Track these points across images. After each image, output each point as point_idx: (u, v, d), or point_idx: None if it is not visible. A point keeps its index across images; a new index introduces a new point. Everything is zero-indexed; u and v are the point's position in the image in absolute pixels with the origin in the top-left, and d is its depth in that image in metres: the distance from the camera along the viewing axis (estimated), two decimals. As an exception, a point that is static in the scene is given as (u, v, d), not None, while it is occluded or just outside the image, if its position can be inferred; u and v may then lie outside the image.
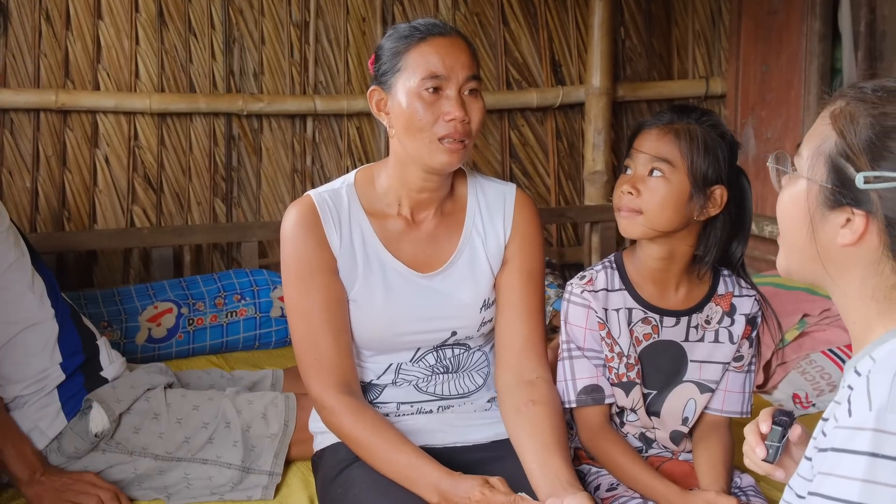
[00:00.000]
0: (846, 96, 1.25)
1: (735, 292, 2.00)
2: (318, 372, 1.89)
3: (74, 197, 3.49)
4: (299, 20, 3.71)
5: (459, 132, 1.84)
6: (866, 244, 1.21)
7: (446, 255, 1.99)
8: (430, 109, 1.83)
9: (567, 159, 4.13)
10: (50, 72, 3.41)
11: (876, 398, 1.11)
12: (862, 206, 1.19)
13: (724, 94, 4.17)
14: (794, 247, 1.31)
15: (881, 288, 1.21)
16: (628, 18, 4.12)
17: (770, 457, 1.43)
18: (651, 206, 1.86)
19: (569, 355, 2.00)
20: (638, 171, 1.88)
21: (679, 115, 1.89)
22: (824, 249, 1.25)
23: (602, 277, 1.99)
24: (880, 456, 1.09)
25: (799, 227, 1.28)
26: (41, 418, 2.16)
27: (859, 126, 1.20)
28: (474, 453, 1.97)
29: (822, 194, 1.24)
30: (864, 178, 1.17)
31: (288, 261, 1.93)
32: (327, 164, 3.81)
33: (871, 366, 1.17)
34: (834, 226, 1.23)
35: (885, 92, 1.21)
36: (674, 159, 1.85)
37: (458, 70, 1.84)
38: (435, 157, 1.86)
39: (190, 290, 3.19)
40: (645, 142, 1.89)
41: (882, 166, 1.17)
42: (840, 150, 1.21)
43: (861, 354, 1.22)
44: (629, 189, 1.87)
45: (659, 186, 1.86)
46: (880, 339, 1.20)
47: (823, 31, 3.58)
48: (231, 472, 2.20)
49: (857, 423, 1.12)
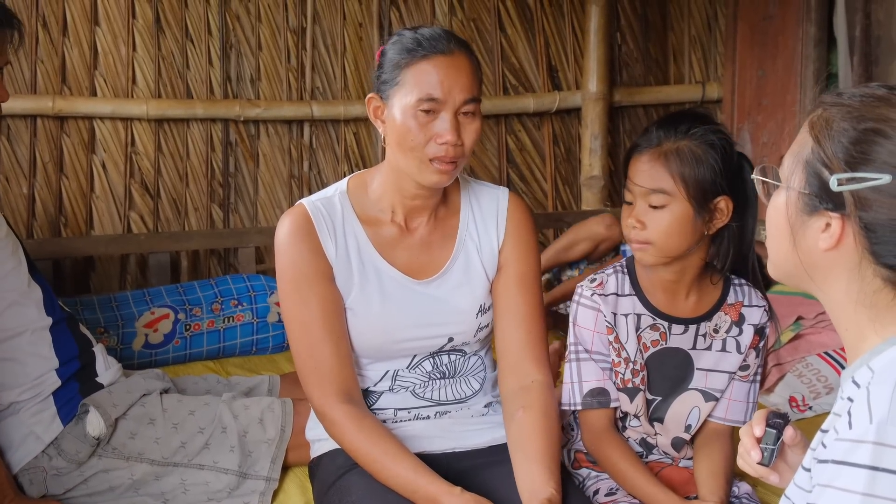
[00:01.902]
0: (824, 104, 1.26)
1: (745, 302, 1.99)
2: (319, 381, 1.89)
3: (71, 203, 3.49)
4: (296, 26, 3.71)
5: (451, 155, 1.82)
6: (845, 248, 1.21)
7: (441, 262, 1.99)
8: (422, 130, 1.82)
9: (564, 164, 4.13)
10: (47, 78, 3.41)
11: (876, 411, 1.11)
12: (838, 209, 1.20)
13: (720, 99, 4.17)
14: (781, 255, 1.32)
15: (865, 292, 1.22)
16: (625, 24, 4.13)
17: (765, 460, 1.43)
18: (658, 236, 1.84)
19: (576, 357, 1.99)
20: (638, 205, 1.86)
21: (666, 132, 1.85)
22: (807, 256, 1.26)
23: (612, 281, 1.99)
24: (881, 469, 1.08)
25: (783, 235, 1.30)
26: (36, 423, 2.16)
27: (834, 131, 1.21)
28: (472, 458, 1.96)
29: (800, 200, 1.25)
30: (837, 181, 1.18)
31: (283, 270, 1.92)
32: (324, 169, 3.81)
33: (871, 377, 1.16)
34: (814, 231, 1.24)
35: (862, 97, 1.22)
36: (668, 188, 1.82)
37: (456, 93, 1.82)
38: (424, 177, 1.85)
39: (187, 295, 3.19)
40: (638, 172, 1.86)
41: (856, 168, 1.18)
42: (817, 155, 1.22)
43: (858, 364, 1.22)
44: (634, 223, 1.86)
45: (661, 217, 1.84)
46: (877, 349, 1.20)
47: (819, 36, 3.58)
48: (228, 477, 2.20)
49: (858, 436, 1.11)
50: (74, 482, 2.17)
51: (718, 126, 1.89)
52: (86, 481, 2.18)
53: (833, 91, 1.27)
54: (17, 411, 2.17)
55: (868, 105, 1.20)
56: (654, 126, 1.89)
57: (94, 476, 2.18)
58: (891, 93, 1.21)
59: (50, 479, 2.16)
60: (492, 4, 3.93)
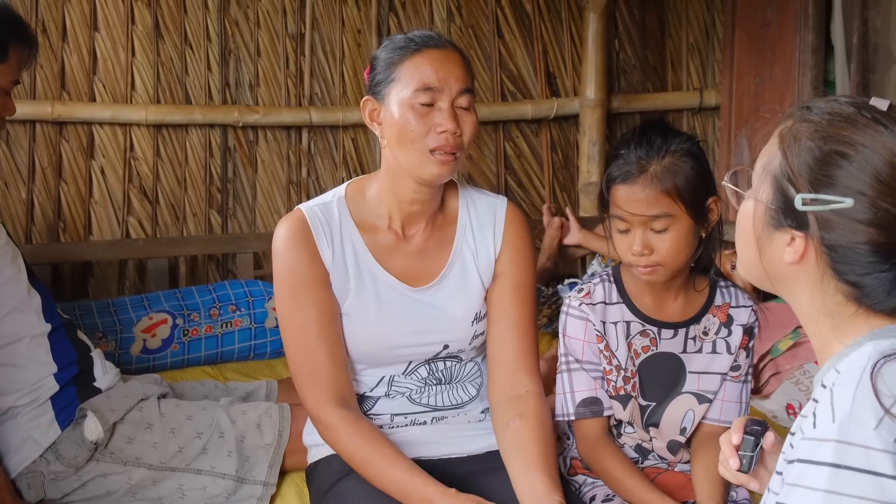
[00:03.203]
0: (793, 116, 1.27)
1: (732, 303, 2.00)
2: (314, 386, 1.89)
3: (70, 208, 3.49)
4: (295, 32, 3.72)
5: (451, 145, 1.84)
6: (808, 263, 1.24)
7: (437, 270, 1.99)
8: (422, 121, 1.83)
9: (562, 171, 4.13)
10: (46, 83, 3.41)
11: (839, 410, 1.13)
12: (801, 227, 1.22)
13: (717, 106, 4.18)
14: (748, 262, 1.34)
15: (828, 304, 1.24)
16: (622, 30, 4.14)
17: (744, 467, 1.44)
18: (667, 256, 1.84)
19: (567, 368, 2.00)
20: (639, 232, 1.84)
21: (646, 154, 1.82)
22: (772, 266, 1.29)
23: (600, 290, 1.99)
24: (842, 467, 1.10)
25: (749, 243, 1.32)
26: (34, 428, 2.17)
27: (801, 148, 1.22)
28: (469, 465, 1.97)
29: (767, 214, 1.27)
30: (801, 200, 1.20)
31: (280, 276, 1.93)
32: (323, 175, 3.81)
33: (836, 378, 1.18)
34: (779, 245, 1.26)
35: (829, 115, 1.23)
36: (670, 209, 1.81)
37: (452, 83, 1.84)
38: (426, 169, 1.86)
39: (185, 300, 3.20)
40: (631, 202, 1.82)
41: (819, 190, 1.19)
42: (783, 171, 1.24)
43: (827, 367, 1.24)
44: (641, 251, 1.83)
45: (667, 238, 1.83)
46: (843, 353, 1.22)
47: (816, 44, 3.59)
48: (226, 482, 2.20)
49: (821, 435, 1.13)
50: (72, 486, 2.18)
51: (678, 130, 1.89)
52: (83, 486, 2.18)
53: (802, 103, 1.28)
54: (15, 416, 2.18)
55: (834, 125, 1.22)
56: (625, 152, 1.84)
57: (92, 480, 2.18)
58: (858, 112, 1.22)
59: (48, 483, 2.16)
60: (490, 11, 3.94)
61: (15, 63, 2.13)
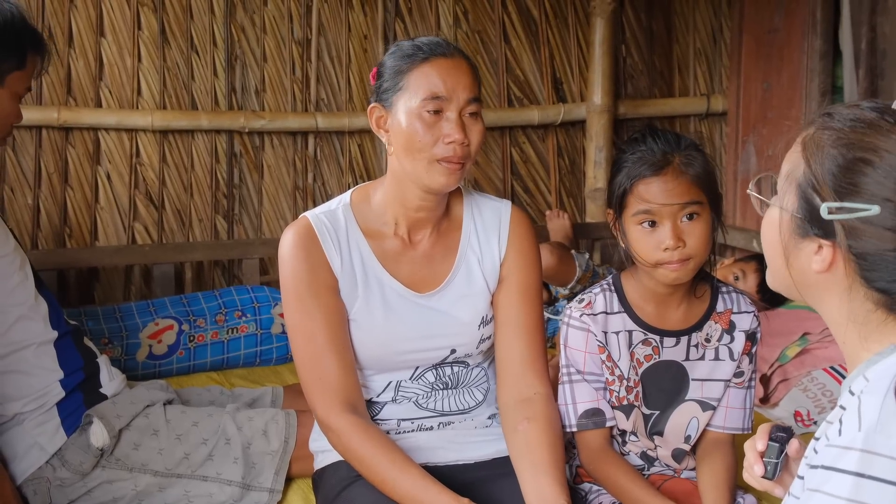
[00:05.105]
0: (815, 123, 1.26)
1: (734, 309, 1.99)
2: (323, 392, 1.88)
3: (76, 214, 3.49)
4: (301, 38, 3.72)
5: (458, 154, 1.84)
6: (837, 271, 1.22)
7: (442, 275, 1.99)
8: (429, 131, 1.83)
9: (568, 176, 4.13)
10: (52, 89, 3.42)
11: (866, 419, 1.12)
12: (829, 236, 1.21)
13: (725, 112, 4.17)
14: (776, 271, 1.34)
15: (858, 312, 1.23)
16: (629, 36, 4.14)
17: (769, 474, 1.43)
18: (697, 247, 1.84)
19: (569, 379, 1.99)
20: (670, 224, 1.83)
21: (667, 147, 1.84)
22: (800, 275, 1.28)
23: (601, 300, 1.98)
24: (866, 476, 1.09)
25: (776, 252, 1.31)
26: (40, 434, 2.16)
27: (825, 156, 1.21)
28: (476, 471, 1.96)
29: (793, 223, 1.26)
30: (827, 209, 1.19)
31: (287, 283, 1.92)
32: (329, 181, 3.81)
33: (864, 385, 1.17)
34: (807, 253, 1.25)
35: (851, 121, 1.22)
36: (699, 196, 1.83)
37: (460, 92, 1.84)
38: (433, 178, 1.86)
39: (191, 306, 3.19)
40: (662, 193, 1.82)
41: (845, 198, 1.18)
42: (808, 179, 1.23)
43: (855, 374, 1.23)
44: (675, 243, 1.82)
45: (697, 227, 1.84)
46: (872, 360, 1.21)
47: (824, 49, 3.58)
48: (231, 488, 2.19)
49: (846, 443, 1.12)
50: (78, 493, 2.17)
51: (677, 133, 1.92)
52: (89, 492, 2.17)
53: (825, 109, 1.27)
54: (22, 422, 2.17)
55: (857, 131, 1.21)
56: (644, 148, 1.85)
57: (98, 487, 2.18)
58: (880, 117, 1.21)
59: (54, 489, 2.16)
60: (497, 16, 3.94)
61: (30, 71, 2.15)
